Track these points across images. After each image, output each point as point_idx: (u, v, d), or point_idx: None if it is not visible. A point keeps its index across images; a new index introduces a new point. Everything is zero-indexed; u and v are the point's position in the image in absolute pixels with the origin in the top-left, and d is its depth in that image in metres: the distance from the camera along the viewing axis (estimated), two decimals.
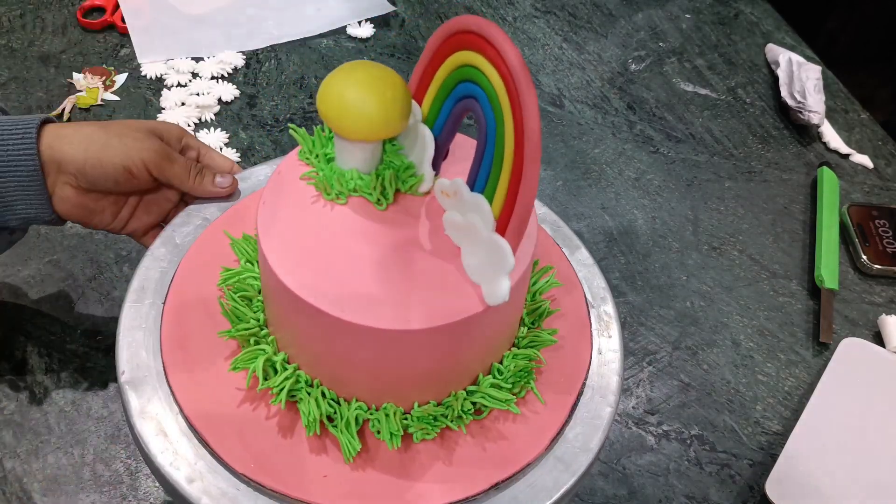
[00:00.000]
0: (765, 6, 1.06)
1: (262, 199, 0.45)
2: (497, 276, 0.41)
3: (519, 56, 0.38)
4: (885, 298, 0.75)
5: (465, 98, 0.42)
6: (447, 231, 0.45)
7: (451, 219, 0.44)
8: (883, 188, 0.86)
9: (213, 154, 0.59)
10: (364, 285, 0.42)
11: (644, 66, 0.96)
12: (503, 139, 0.39)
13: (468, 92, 0.41)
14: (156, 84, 0.85)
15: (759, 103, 0.93)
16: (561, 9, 1.02)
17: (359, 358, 0.43)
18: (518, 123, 0.38)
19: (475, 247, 0.43)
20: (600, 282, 0.56)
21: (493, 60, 0.39)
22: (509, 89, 0.38)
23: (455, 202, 0.43)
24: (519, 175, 0.39)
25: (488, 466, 0.45)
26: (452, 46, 0.41)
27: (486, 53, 0.39)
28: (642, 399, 0.66)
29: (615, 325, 0.53)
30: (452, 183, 0.43)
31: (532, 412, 0.48)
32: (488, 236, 0.41)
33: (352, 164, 0.45)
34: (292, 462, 0.44)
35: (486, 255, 0.42)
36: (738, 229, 0.80)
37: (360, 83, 0.42)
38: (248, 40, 0.91)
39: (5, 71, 0.84)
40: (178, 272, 0.51)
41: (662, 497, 0.60)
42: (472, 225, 0.42)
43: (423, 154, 0.45)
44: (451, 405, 0.46)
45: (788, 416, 0.66)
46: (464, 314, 0.41)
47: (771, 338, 0.71)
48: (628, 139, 0.87)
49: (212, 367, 0.47)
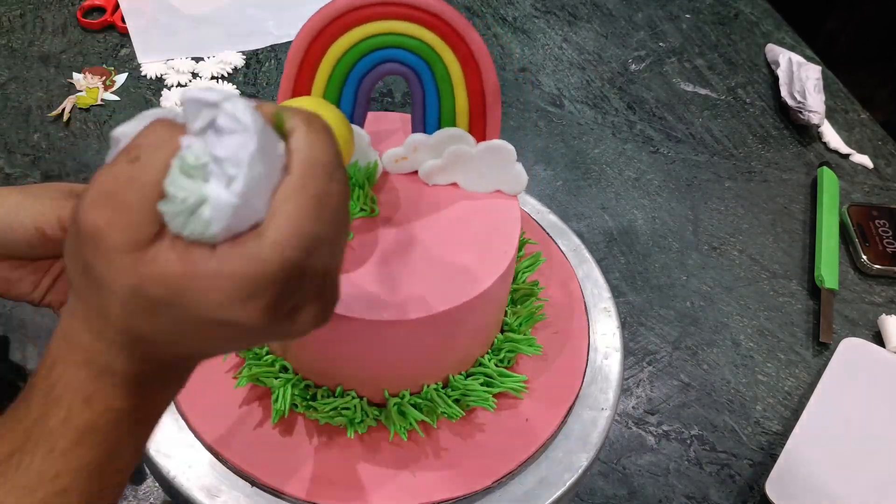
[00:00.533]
0: (765, 6, 1.06)
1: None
2: (508, 168, 0.45)
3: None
4: (885, 298, 0.75)
5: (370, 71, 0.44)
6: (431, 181, 0.46)
7: (429, 167, 0.46)
8: (883, 188, 0.86)
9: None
10: (361, 281, 0.42)
11: (644, 66, 0.96)
12: (444, 68, 0.42)
13: (373, 62, 0.43)
14: (156, 84, 0.85)
15: (759, 103, 0.93)
16: (561, 9, 1.02)
17: (362, 353, 0.43)
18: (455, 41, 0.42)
19: (469, 170, 0.45)
20: (600, 282, 0.56)
21: (397, 15, 0.41)
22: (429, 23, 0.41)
23: (416, 156, 0.46)
24: (476, 73, 0.42)
25: (487, 465, 0.45)
26: (330, 36, 0.43)
27: (385, 15, 0.42)
28: (642, 399, 0.66)
29: (615, 325, 0.53)
30: (407, 143, 0.46)
31: (532, 411, 0.48)
32: (479, 149, 0.44)
33: None
34: (289, 457, 0.44)
35: (484, 166, 0.45)
36: (738, 229, 0.80)
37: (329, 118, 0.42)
38: (248, 40, 0.91)
39: (5, 71, 0.84)
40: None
41: (662, 497, 0.60)
42: (456, 154, 0.45)
43: (361, 143, 0.45)
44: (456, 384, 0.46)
45: (788, 416, 0.66)
46: (463, 298, 0.42)
47: (771, 338, 0.71)
48: (628, 139, 0.87)
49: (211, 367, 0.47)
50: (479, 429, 0.46)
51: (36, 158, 0.76)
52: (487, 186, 0.46)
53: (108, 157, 0.29)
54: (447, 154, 0.44)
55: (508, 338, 0.48)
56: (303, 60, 0.43)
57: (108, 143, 0.31)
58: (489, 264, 0.43)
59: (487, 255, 0.43)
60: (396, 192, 0.46)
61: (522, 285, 0.50)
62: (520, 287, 0.50)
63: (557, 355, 0.50)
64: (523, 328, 0.49)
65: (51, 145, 0.77)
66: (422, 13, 0.41)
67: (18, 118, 0.79)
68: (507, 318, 0.49)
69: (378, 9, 0.41)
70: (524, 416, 0.47)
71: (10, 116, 0.80)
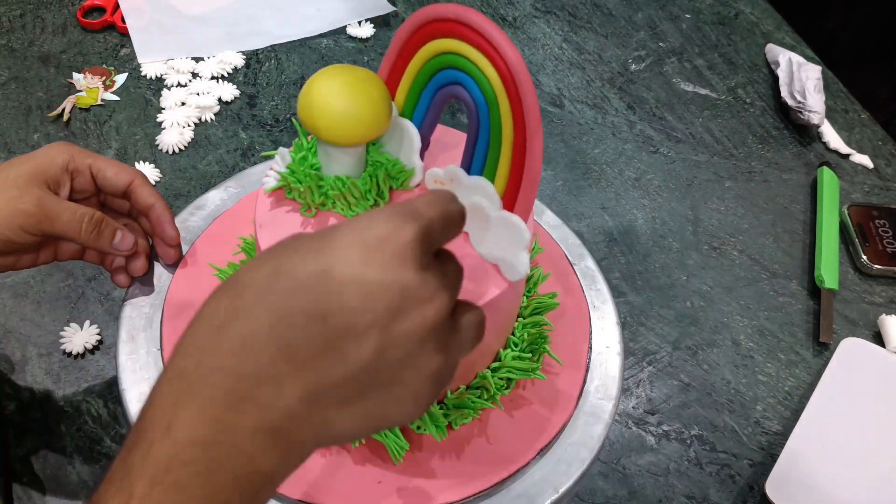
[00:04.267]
0: (765, 6, 1.06)
1: (257, 223, 0.45)
2: (516, 251, 0.42)
3: (506, 38, 0.39)
4: (885, 298, 0.75)
5: (447, 86, 0.42)
6: None
7: None
8: (883, 188, 0.86)
9: (108, 165, 0.49)
10: None
11: (644, 66, 0.96)
12: (499, 120, 0.40)
13: (450, 79, 0.42)
14: (156, 84, 0.85)
15: (759, 103, 0.93)
16: (561, 9, 1.02)
17: None
18: (515, 102, 0.39)
19: (483, 229, 0.43)
20: (600, 282, 0.56)
21: (478, 45, 0.39)
22: (501, 71, 0.39)
23: (452, 189, 0.44)
24: (522, 150, 0.40)
25: (488, 466, 0.45)
26: (425, 37, 0.42)
27: (468, 39, 0.39)
28: (642, 399, 0.66)
29: (615, 325, 0.53)
30: (447, 170, 0.43)
31: (532, 411, 0.48)
32: (498, 215, 0.42)
33: (342, 170, 0.44)
34: None
35: (497, 234, 0.42)
36: (738, 229, 0.80)
37: (344, 88, 0.41)
38: (248, 40, 0.91)
39: (5, 71, 0.84)
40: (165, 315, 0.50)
41: (662, 497, 0.60)
42: (478, 207, 0.42)
43: (410, 147, 0.45)
44: (484, 385, 0.46)
45: (788, 416, 0.66)
46: (488, 296, 0.41)
47: (771, 338, 0.71)
48: (628, 139, 0.87)
49: None
50: (479, 430, 0.47)
51: None
52: (490, 256, 0.44)
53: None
54: (471, 202, 0.42)
55: (506, 364, 0.47)
56: (403, 45, 0.43)
57: (107, 143, 0.31)
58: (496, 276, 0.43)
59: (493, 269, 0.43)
60: None
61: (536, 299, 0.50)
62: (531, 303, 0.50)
63: (557, 355, 0.50)
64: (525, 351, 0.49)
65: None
66: (505, 71, 0.39)
67: (18, 118, 0.79)
68: (514, 336, 0.49)
69: (469, 33, 0.39)
70: (524, 416, 0.47)
71: (10, 116, 0.80)
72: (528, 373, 0.48)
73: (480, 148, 0.42)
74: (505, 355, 0.47)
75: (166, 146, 0.78)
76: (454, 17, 0.39)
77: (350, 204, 0.44)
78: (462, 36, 0.40)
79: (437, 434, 0.45)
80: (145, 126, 0.80)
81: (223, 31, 0.91)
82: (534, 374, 0.48)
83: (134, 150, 0.77)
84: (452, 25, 0.40)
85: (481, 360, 0.47)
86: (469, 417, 0.46)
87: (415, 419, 0.37)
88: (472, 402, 0.46)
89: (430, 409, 0.45)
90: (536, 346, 0.49)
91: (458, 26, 0.40)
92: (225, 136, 0.80)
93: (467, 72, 0.40)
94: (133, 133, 0.79)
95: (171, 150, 0.78)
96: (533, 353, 0.49)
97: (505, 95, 0.39)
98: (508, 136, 0.40)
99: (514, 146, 0.40)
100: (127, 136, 0.79)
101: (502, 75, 0.39)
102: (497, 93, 0.39)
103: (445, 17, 0.40)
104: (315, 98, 0.41)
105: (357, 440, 0.43)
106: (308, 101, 0.42)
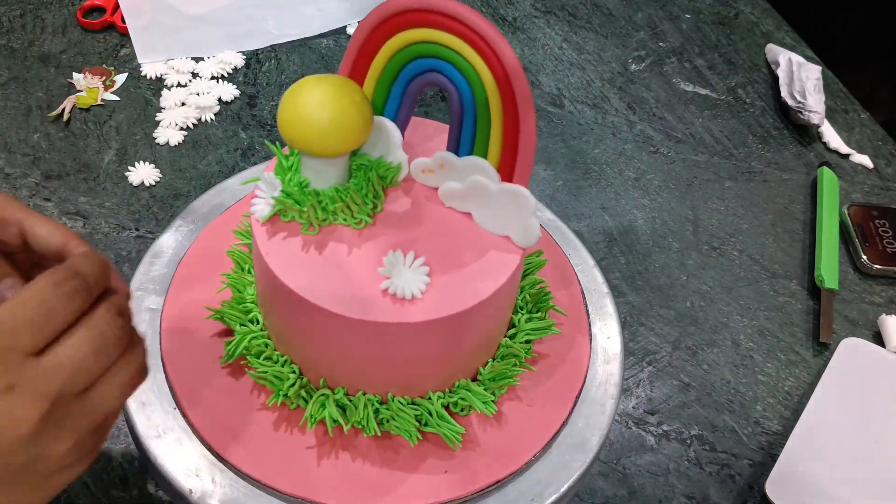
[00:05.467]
0: (765, 6, 1.06)
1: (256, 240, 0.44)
2: (523, 218, 0.43)
3: (471, 10, 0.39)
4: (885, 298, 0.75)
5: (421, 74, 0.43)
6: (448, 203, 0.45)
7: (449, 189, 0.45)
8: (883, 188, 0.86)
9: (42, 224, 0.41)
10: (370, 283, 0.42)
11: (644, 66, 0.96)
12: (484, 96, 0.41)
13: (424, 67, 0.42)
14: (156, 84, 0.85)
15: (759, 103, 0.93)
16: (561, 9, 1.02)
17: (364, 353, 0.43)
18: (498, 70, 0.40)
19: (485, 206, 0.44)
20: (600, 282, 0.56)
21: (448, 28, 0.40)
22: (478, 46, 0.39)
23: (443, 174, 0.44)
24: (514, 118, 0.41)
25: (487, 465, 0.45)
26: (388, 31, 0.42)
27: (437, 24, 0.40)
28: (642, 399, 0.66)
29: (615, 325, 0.53)
30: (435, 157, 0.44)
31: (532, 412, 0.48)
32: (499, 188, 0.43)
33: (330, 181, 0.44)
34: (289, 458, 0.44)
35: (500, 207, 0.43)
36: (738, 229, 0.80)
37: (326, 97, 0.40)
38: (248, 40, 0.91)
39: (5, 71, 0.84)
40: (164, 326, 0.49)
41: (662, 497, 0.60)
42: (477, 185, 0.43)
43: (391, 143, 0.45)
44: (511, 352, 0.47)
45: (788, 416, 0.66)
46: (477, 298, 0.42)
47: (771, 338, 0.71)
48: (628, 139, 0.87)
49: (212, 366, 0.47)
50: (479, 429, 0.47)
51: (36, 158, 0.76)
52: (499, 228, 0.44)
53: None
54: (468, 182, 0.43)
55: (465, 384, 0.47)
56: (363, 44, 0.42)
57: (107, 143, 0.31)
58: (492, 274, 0.43)
59: (490, 266, 0.43)
60: (411, 199, 0.45)
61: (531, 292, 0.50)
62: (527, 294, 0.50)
63: (557, 355, 0.50)
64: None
65: (51, 145, 0.77)
66: (483, 45, 0.39)
67: (18, 118, 0.79)
68: (518, 300, 0.49)
69: (443, 19, 0.40)
70: (523, 416, 0.47)
71: (10, 116, 0.80)
72: (545, 330, 0.49)
73: (467, 128, 0.43)
74: (518, 320, 0.49)
75: (165, 139, 0.78)
76: (417, 5, 0.40)
77: (353, 212, 0.44)
78: (429, 23, 0.40)
79: (486, 410, 0.45)
80: (145, 126, 0.80)
81: (223, 31, 0.91)
82: (550, 330, 0.49)
83: (134, 150, 0.77)
84: (417, 15, 0.40)
85: (486, 352, 0.47)
86: (505, 388, 0.47)
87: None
88: (507, 371, 0.47)
89: (471, 386, 0.45)
90: (541, 303, 0.50)
91: (423, 14, 0.40)
92: (225, 136, 0.80)
93: (442, 57, 0.41)
94: (133, 133, 0.79)
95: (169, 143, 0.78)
96: (540, 311, 0.50)
97: (486, 68, 0.40)
98: (497, 109, 0.41)
99: (505, 116, 0.41)
100: (127, 136, 0.79)
101: (479, 50, 0.39)
102: (478, 69, 0.40)
103: (408, 8, 0.40)
104: (300, 112, 0.40)
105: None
106: (292, 117, 0.41)
